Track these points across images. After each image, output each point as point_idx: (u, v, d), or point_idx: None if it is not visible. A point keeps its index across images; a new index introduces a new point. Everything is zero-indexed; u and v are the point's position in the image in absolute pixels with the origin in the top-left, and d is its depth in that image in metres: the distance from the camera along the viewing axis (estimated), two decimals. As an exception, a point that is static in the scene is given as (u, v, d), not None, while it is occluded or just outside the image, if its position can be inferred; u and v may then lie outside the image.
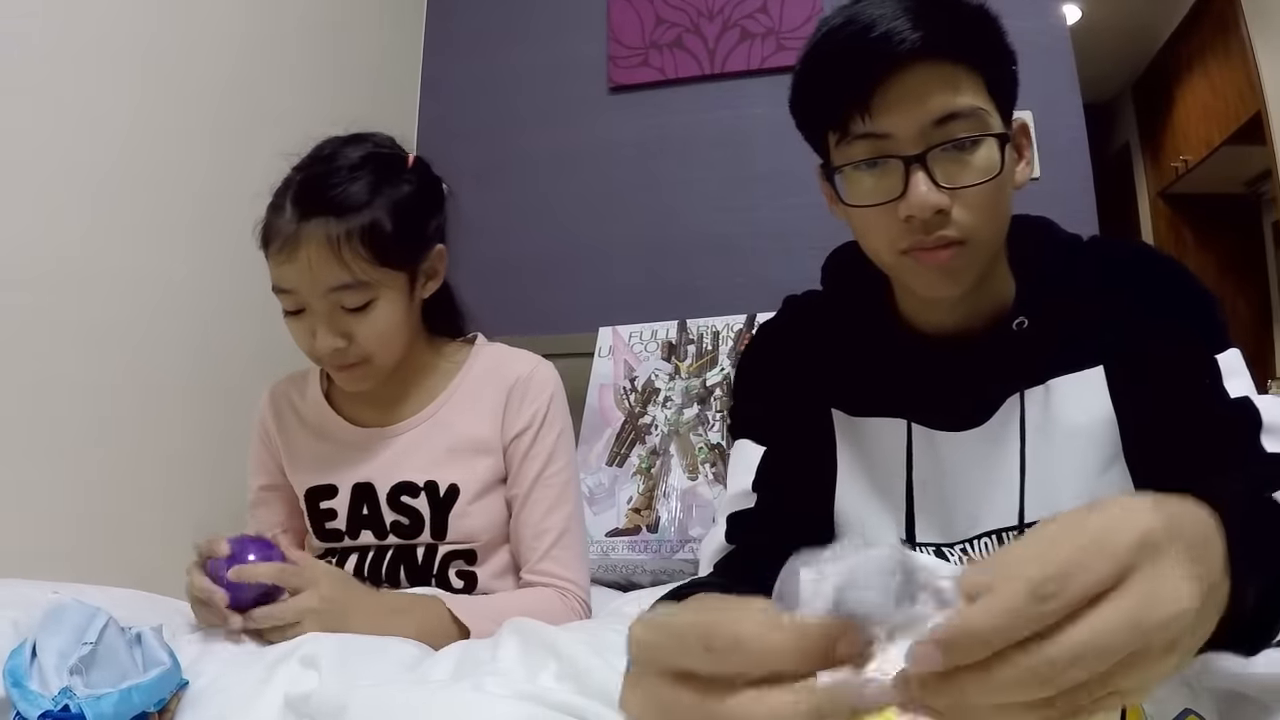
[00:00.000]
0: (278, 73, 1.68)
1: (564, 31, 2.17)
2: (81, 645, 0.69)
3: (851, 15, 0.72)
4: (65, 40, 1.23)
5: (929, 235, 0.71)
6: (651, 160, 2.07)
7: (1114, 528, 0.36)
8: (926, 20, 0.69)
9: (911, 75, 0.69)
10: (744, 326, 1.63)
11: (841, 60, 0.72)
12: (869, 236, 0.77)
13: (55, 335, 1.21)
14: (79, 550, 1.22)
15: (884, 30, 0.69)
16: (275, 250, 1.00)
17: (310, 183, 1.02)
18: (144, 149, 1.35)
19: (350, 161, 1.04)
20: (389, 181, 1.04)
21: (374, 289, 1.01)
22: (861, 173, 0.73)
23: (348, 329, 1.02)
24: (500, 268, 2.02)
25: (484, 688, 0.63)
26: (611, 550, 1.45)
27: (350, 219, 0.99)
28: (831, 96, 0.73)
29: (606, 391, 1.64)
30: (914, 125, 0.70)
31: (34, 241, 1.18)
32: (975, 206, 0.71)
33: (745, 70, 2.02)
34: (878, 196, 0.72)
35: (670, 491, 1.48)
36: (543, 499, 1.11)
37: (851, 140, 0.72)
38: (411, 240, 1.06)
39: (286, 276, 1.00)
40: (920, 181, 0.69)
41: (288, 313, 1.03)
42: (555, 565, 1.09)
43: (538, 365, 1.16)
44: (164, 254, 1.38)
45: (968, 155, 0.71)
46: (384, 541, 1.11)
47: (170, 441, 1.38)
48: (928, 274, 0.74)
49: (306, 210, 0.99)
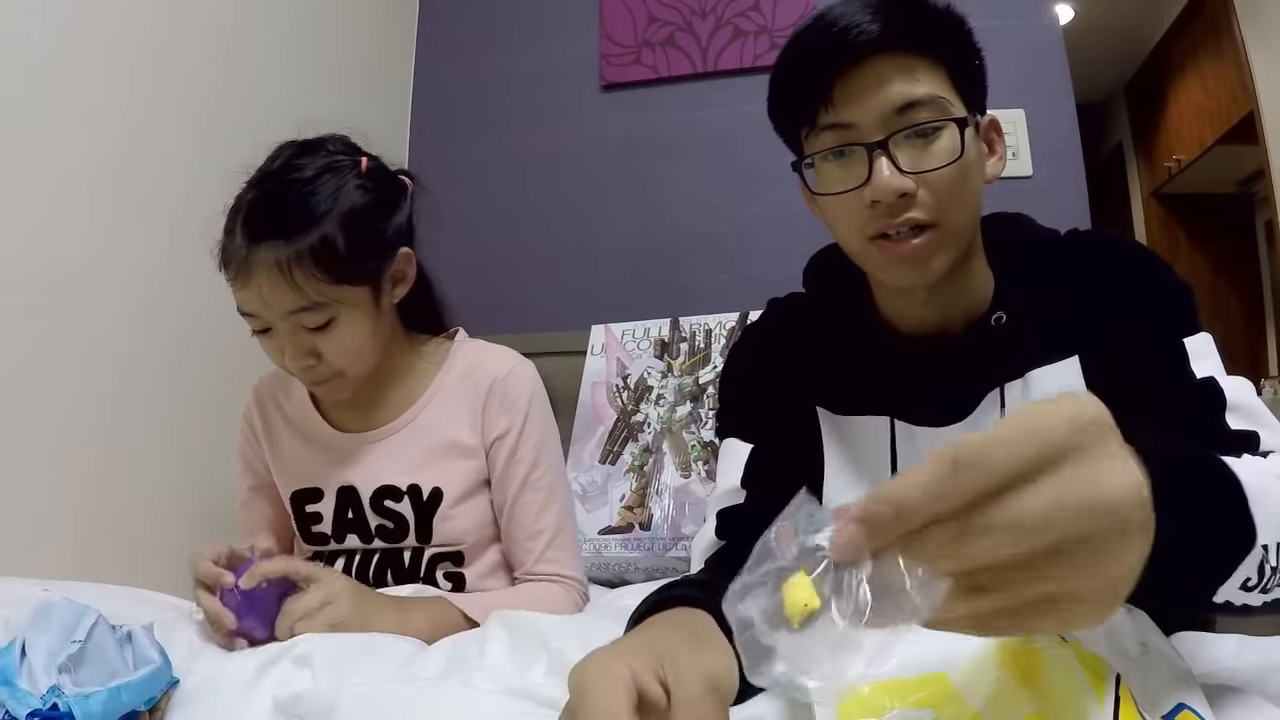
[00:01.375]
0: (269, 74, 1.67)
1: (556, 30, 2.17)
2: (70, 643, 0.68)
3: (819, 14, 0.76)
4: (58, 40, 1.22)
5: (895, 219, 0.74)
6: (644, 158, 2.07)
7: (1049, 411, 0.36)
8: (887, 15, 0.73)
9: (871, 67, 0.73)
10: (736, 324, 1.63)
11: (807, 56, 0.76)
12: (838, 225, 0.79)
13: (46, 335, 1.20)
14: (69, 547, 1.21)
15: (844, 25, 0.73)
16: (230, 277, 0.99)
17: (257, 205, 0.99)
18: (135, 149, 1.35)
19: (299, 176, 1.01)
20: (340, 193, 1.01)
21: (332, 308, 0.99)
22: (829, 164, 0.76)
23: (313, 347, 1.01)
24: (493, 266, 2.02)
25: (472, 684, 0.63)
26: (604, 548, 1.45)
27: (298, 240, 0.96)
28: (798, 91, 0.77)
29: (599, 389, 1.64)
30: (875, 114, 0.73)
31: (27, 242, 1.17)
32: (940, 190, 0.73)
33: (738, 68, 2.02)
34: (845, 184, 0.75)
35: (663, 489, 1.48)
36: (533, 501, 1.10)
37: (819, 132, 0.76)
38: (368, 252, 1.03)
39: (245, 301, 0.99)
40: (883, 167, 0.72)
41: (255, 332, 1.02)
42: (552, 565, 1.10)
43: (515, 365, 1.14)
44: (156, 254, 1.38)
45: (930, 142, 0.74)
46: (370, 545, 1.11)
47: (161, 440, 1.37)
48: (895, 264, 0.76)
49: (254, 235, 0.96)
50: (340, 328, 1.00)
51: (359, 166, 1.05)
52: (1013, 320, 0.80)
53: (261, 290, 0.96)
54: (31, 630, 0.69)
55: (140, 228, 1.35)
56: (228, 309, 1.01)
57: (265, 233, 0.96)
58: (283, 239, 0.96)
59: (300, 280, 0.96)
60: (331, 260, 0.97)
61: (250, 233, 0.96)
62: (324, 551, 1.13)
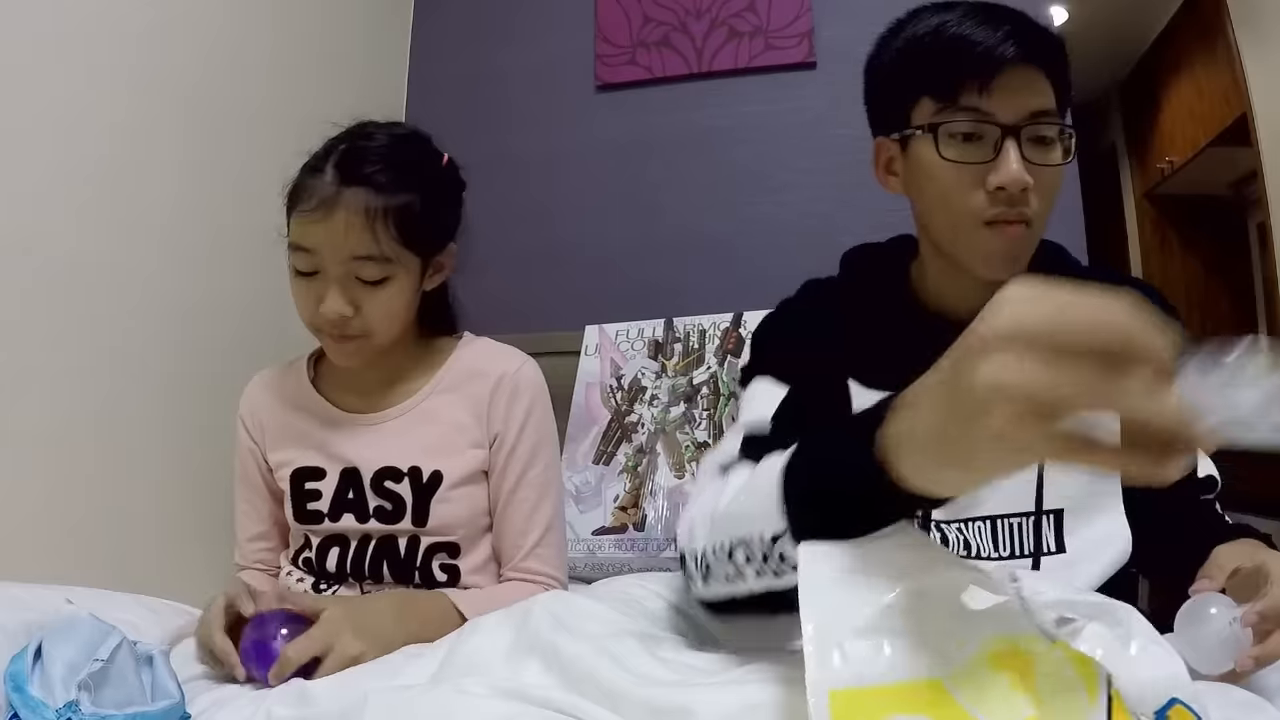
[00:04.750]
0: (263, 71, 1.67)
1: (551, 30, 2.16)
2: (93, 661, 0.68)
3: (973, 6, 0.84)
4: (50, 35, 1.21)
5: (1012, 208, 0.81)
6: (638, 159, 2.07)
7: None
8: (1032, 31, 0.83)
9: (1023, 70, 0.81)
10: (730, 325, 1.63)
11: (975, 40, 0.82)
12: (947, 201, 0.84)
13: (38, 333, 1.19)
14: (63, 548, 1.21)
15: (1011, 26, 0.81)
16: (308, 209, 1.02)
17: (355, 154, 1.04)
18: (128, 146, 1.34)
19: (392, 145, 1.07)
20: (425, 172, 1.09)
21: (393, 266, 1.04)
22: (955, 142, 0.83)
23: (358, 299, 1.04)
24: (486, 266, 2.01)
25: (465, 689, 0.63)
26: (598, 549, 1.45)
27: (387, 196, 1.02)
28: (957, 69, 0.82)
29: (593, 390, 1.64)
30: (1016, 112, 0.81)
31: (18, 239, 1.16)
32: (1044, 193, 0.82)
33: (733, 69, 2.02)
34: (971, 159, 0.82)
35: (657, 490, 1.48)
36: (527, 499, 1.12)
37: (956, 110, 0.82)
38: (435, 230, 1.10)
39: (313, 235, 1.02)
40: (1013, 158, 0.79)
41: (299, 273, 1.05)
42: (538, 563, 1.12)
43: (523, 364, 1.17)
44: (148, 249, 1.37)
45: (1048, 148, 0.83)
46: (365, 526, 1.11)
47: (155, 439, 1.36)
48: (996, 253, 0.83)
49: (348, 178, 1.01)
50: (390, 287, 1.05)
51: (442, 158, 1.15)
52: None
53: (343, 227, 1.00)
54: (52, 640, 0.68)
55: (133, 223, 1.34)
56: (224, 308, 1.01)
57: (361, 179, 1.02)
58: (376, 189, 1.02)
59: (379, 231, 1.01)
60: (410, 224, 1.04)
61: (345, 175, 1.02)
62: (318, 532, 1.13)
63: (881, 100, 0.93)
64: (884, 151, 0.93)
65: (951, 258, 0.88)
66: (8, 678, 0.64)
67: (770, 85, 2.00)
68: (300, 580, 1.14)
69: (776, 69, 2.00)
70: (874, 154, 0.95)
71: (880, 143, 0.93)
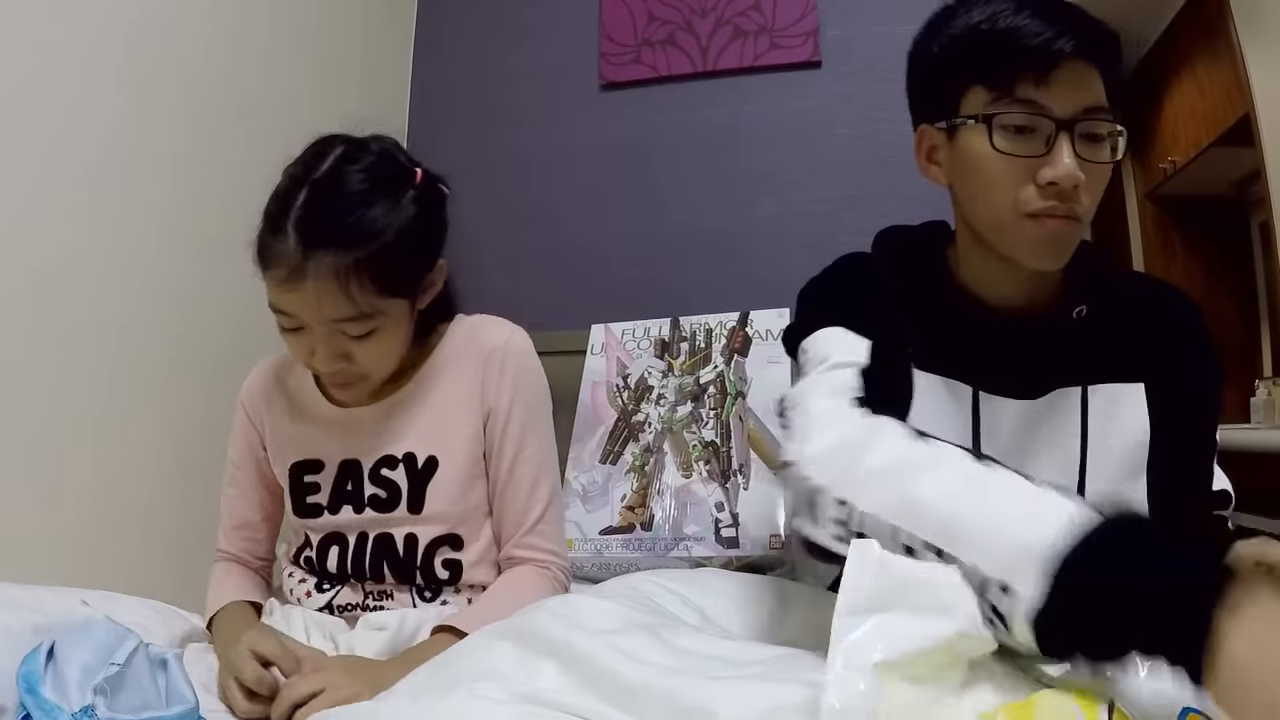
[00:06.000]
0: (267, 73, 1.66)
1: (555, 29, 2.16)
2: (109, 665, 0.67)
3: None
4: (54, 35, 1.21)
5: (1062, 203, 0.81)
6: (643, 158, 2.06)
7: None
8: (1089, 25, 0.82)
9: (1079, 64, 0.81)
10: (737, 324, 1.63)
11: (1033, 31, 0.81)
12: (993, 191, 0.84)
13: (35, 335, 1.19)
14: (61, 550, 1.20)
15: (1068, 19, 0.81)
16: (277, 278, 0.96)
17: (315, 210, 0.96)
18: (129, 149, 1.33)
19: (357, 184, 0.99)
20: (396, 204, 1.01)
21: (377, 319, 1.00)
22: (1008, 134, 0.82)
23: (347, 351, 1.01)
24: (491, 266, 2.01)
25: (480, 694, 0.62)
26: (605, 548, 1.44)
27: (358, 250, 0.95)
28: (1014, 60, 0.81)
29: (599, 389, 1.63)
30: (1071, 106, 0.81)
31: (16, 242, 1.16)
32: (1092, 189, 0.82)
33: (738, 68, 2.02)
34: (1023, 152, 0.81)
35: (664, 489, 1.47)
36: (525, 476, 1.12)
37: (1011, 101, 0.82)
38: (419, 265, 1.05)
39: (289, 304, 0.97)
40: (1066, 153, 0.79)
41: (284, 329, 1.01)
42: (539, 539, 1.12)
43: (512, 334, 1.16)
44: (147, 253, 1.36)
45: (1099, 145, 0.83)
46: (361, 516, 1.10)
47: (148, 435, 1.36)
48: (1042, 242, 0.83)
49: (312, 241, 0.94)
50: (378, 336, 1.01)
51: (414, 177, 1.05)
52: (1091, 315, 0.89)
53: (316, 296, 0.95)
54: (66, 642, 0.68)
55: (134, 228, 1.34)
56: (221, 308, 1.01)
57: (324, 239, 0.94)
58: (343, 248, 0.95)
59: (355, 291, 0.96)
60: (388, 271, 0.98)
61: (308, 238, 0.94)
62: (316, 527, 1.12)
63: (928, 87, 0.91)
64: (927, 139, 0.92)
65: (994, 247, 0.87)
66: (20, 679, 0.64)
67: (775, 84, 2.00)
68: (302, 581, 1.13)
69: (781, 68, 2.00)
70: (916, 141, 0.94)
71: (924, 130, 0.92)
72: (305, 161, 1.01)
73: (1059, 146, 0.80)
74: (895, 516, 0.63)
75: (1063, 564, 0.54)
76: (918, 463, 0.66)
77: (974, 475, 0.64)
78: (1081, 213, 0.82)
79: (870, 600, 0.52)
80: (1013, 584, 0.55)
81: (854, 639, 0.50)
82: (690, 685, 0.56)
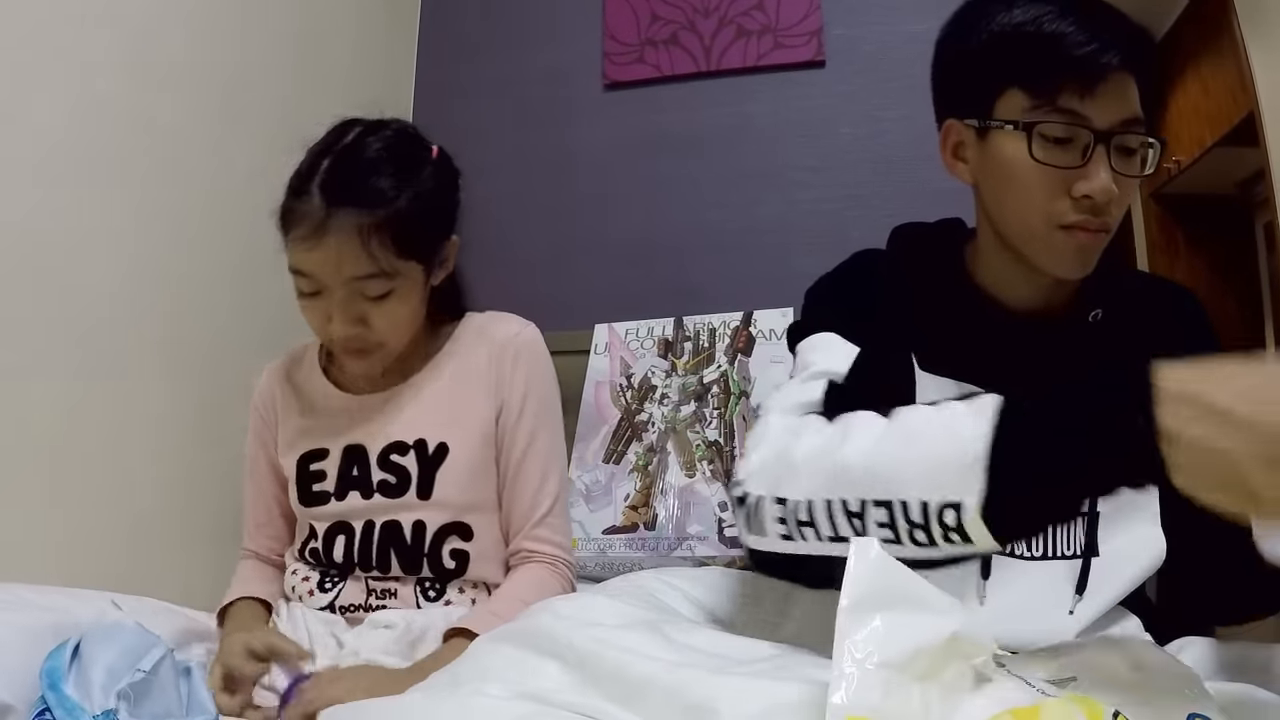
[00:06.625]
0: (271, 75, 1.66)
1: (559, 29, 2.16)
2: (135, 671, 0.68)
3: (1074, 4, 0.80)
4: (55, 27, 1.21)
5: (1095, 217, 0.80)
6: (647, 157, 2.06)
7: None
8: (1132, 34, 0.80)
9: (1122, 77, 0.79)
10: (741, 324, 1.63)
11: (1079, 40, 0.79)
12: (1024, 199, 0.83)
13: (37, 334, 1.19)
14: (60, 551, 1.20)
15: (1114, 27, 0.79)
16: (300, 236, 1.00)
17: (339, 171, 1.02)
18: (132, 148, 1.33)
19: (377, 152, 1.05)
20: (414, 174, 1.06)
21: (395, 279, 1.03)
22: (1047, 144, 0.80)
23: (364, 315, 1.04)
24: (495, 265, 2.00)
25: (486, 692, 0.62)
26: (609, 548, 1.45)
27: (379, 211, 1.00)
28: (1060, 68, 0.79)
29: (602, 389, 1.63)
30: (1110, 118, 0.79)
31: (17, 240, 1.16)
32: (1123, 201, 0.81)
33: (742, 67, 2.01)
34: (1061, 163, 0.80)
35: (668, 489, 1.47)
36: (534, 470, 1.13)
37: (1052, 110, 0.80)
38: (432, 232, 1.09)
39: (309, 262, 1.01)
40: (1104, 167, 0.78)
41: (303, 294, 1.04)
42: (548, 532, 1.13)
43: (523, 329, 1.19)
44: (151, 252, 1.37)
45: (1133, 157, 0.82)
46: (369, 502, 1.10)
47: (153, 441, 1.36)
48: (1070, 253, 0.82)
49: (335, 199, 0.99)
50: (395, 299, 1.05)
51: (430, 151, 1.11)
52: (1108, 318, 0.89)
53: (337, 252, 0.99)
54: (93, 643, 0.68)
55: (137, 226, 1.34)
56: (221, 309, 1.01)
57: (347, 198, 1.00)
58: (365, 207, 1.00)
59: (375, 249, 1.00)
60: (405, 235, 1.02)
61: (331, 196, 1.00)
62: (323, 516, 1.12)
63: (960, 82, 0.88)
64: (954, 134, 0.89)
65: (1019, 253, 0.86)
66: (44, 674, 0.64)
67: (779, 84, 2.00)
68: (305, 579, 1.12)
69: (785, 67, 1.99)
70: (941, 136, 0.92)
71: (951, 125, 0.90)
72: (328, 139, 1.07)
73: (1096, 159, 0.79)
74: (829, 491, 0.66)
75: (990, 453, 0.58)
76: (833, 438, 0.69)
77: (885, 426, 0.67)
78: (1111, 224, 0.82)
79: (873, 598, 0.52)
80: (956, 498, 0.59)
81: (859, 637, 0.50)
82: (694, 682, 0.56)
